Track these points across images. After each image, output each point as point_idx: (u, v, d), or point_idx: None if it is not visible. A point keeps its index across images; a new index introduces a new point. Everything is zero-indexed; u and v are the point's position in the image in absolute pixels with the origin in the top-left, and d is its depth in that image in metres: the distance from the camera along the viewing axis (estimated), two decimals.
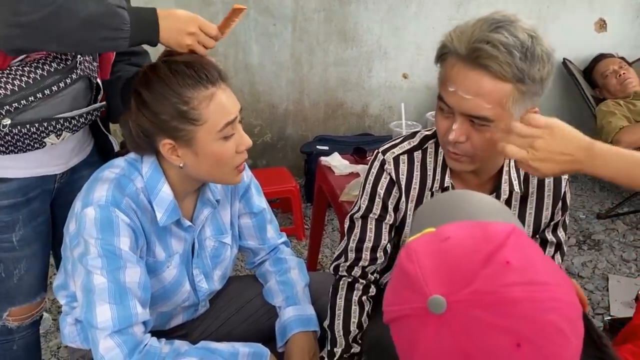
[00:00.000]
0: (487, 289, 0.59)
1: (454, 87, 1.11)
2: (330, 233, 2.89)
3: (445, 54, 1.14)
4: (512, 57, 1.06)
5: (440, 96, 1.16)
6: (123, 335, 1.12)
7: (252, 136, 3.25)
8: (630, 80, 3.10)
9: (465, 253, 0.63)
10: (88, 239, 1.13)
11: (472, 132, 1.13)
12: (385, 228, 1.34)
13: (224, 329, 1.45)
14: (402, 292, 0.65)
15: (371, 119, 3.42)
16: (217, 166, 1.18)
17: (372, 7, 3.16)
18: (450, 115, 1.15)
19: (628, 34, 3.53)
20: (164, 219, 1.21)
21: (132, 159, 1.23)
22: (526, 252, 0.64)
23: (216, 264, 1.37)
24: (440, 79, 1.17)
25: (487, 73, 1.07)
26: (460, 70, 1.10)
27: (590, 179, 3.71)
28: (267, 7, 3.06)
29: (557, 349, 0.59)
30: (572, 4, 3.39)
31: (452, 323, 0.59)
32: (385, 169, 1.32)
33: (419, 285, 0.62)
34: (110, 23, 1.15)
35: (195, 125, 1.13)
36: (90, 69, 1.31)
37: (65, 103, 1.26)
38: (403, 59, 3.32)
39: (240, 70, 3.13)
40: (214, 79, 1.15)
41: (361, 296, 1.34)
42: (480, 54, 1.06)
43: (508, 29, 1.08)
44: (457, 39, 1.10)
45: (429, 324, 0.60)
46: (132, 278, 1.15)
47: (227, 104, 1.16)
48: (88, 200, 1.15)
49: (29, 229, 1.37)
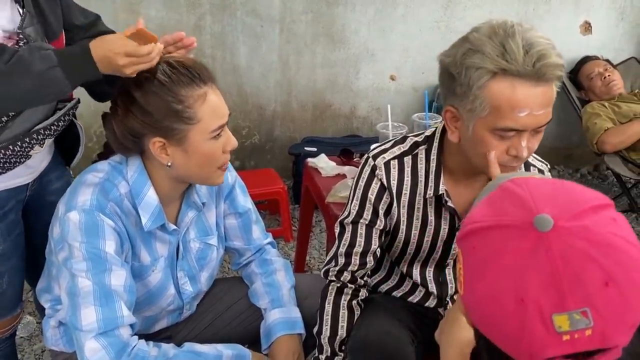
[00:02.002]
0: (595, 230, 0.63)
1: (526, 110, 1.05)
2: (318, 235, 2.89)
3: (484, 81, 1.05)
4: (561, 59, 1.05)
5: (507, 127, 1.07)
6: (109, 338, 1.11)
7: (240, 137, 3.26)
8: (615, 83, 3.13)
9: (578, 197, 0.67)
10: (72, 243, 1.12)
11: (532, 141, 1.12)
12: (375, 233, 1.33)
13: (209, 331, 1.44)
14: (504, 206, 0.67)
15: (359, 120, 3.43)
16: (204, 165, 1.19)
17: (360, 9, 3.17)
18: (513, 135, 1.09)
19: (613, 37, 3.56)
20: (149, 224, 1.20)
21: (116, 162, 1.22)
22: (625, 221, 0.69)
23: (202, 266, 1.36)
24: (495, 108, 1.06)
25: (552, 82, 1.06)
26: (529, 91, 1.04)
27: (569, 173, 3.75)
28: (255, 9, 3.05)
29: (635, 303, 0.64)
30: (558, 6, 3.42)
31: (552, 243, 0.62)
32: (376, 175, 1.31)
33: (527, 203, 0.65)
34: (49, 90, 1.13)
35: (188, 124, 1.13)
36: None
37: (39, 111, 1.24)
38: (390, 61, 3.32)
39: (228, 72, 3.12)
40: (206, 79, 1.16)
41: (350, 300, 1.34)
42: (549, 69, 1.03)
43: (534, 33, 1.05)
44: (510, 59, 1.02)
45: (527, 239, 0.63)
46: (118, 281, 1.14)
47: (219, 104, 1.17)
48: (71, 204, 1.14)
49: (9, 243, 1.35)
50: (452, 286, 1.42)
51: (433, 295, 1.42)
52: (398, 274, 1.45)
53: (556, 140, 3.68)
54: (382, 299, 1.44)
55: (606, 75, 3.15)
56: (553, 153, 3.68)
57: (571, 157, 3.77)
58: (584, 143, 3.14)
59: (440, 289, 1.41)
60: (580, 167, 3.81)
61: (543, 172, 1.36)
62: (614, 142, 2.87)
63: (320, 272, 1.40)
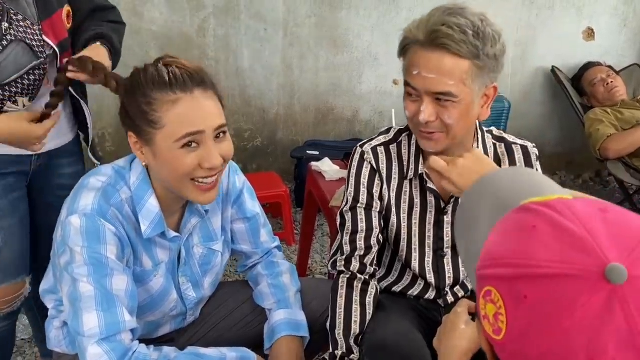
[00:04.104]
0: None
1: (417, 69, 1.20)
2: (320, 238, 2.88)
3: (406, 46, 1.24)
4: (466, 35, 1.16)
5: (407, 82, 1.25)
6: (111, 343, 1.10)
7: (242, 140, 3.27)
8: (618, 89, 3.13)
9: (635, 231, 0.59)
10: (74, 247, 1.12)
11: (441, 110, 1.22)
12: (374, 216, 1.39)
13: (213, 335, 1.43)
14: (563, 249, 0.58)
15: (361, 124, 3.43)
16: (173, 174, 1.13)
17: (363, 13, 3.18)
18: (418, 98, 1.23)
19: (616, 43, 3.57)
20: (149, 231, 1.20)
21: (120, 167, 1.22)
22: None
23: (206, 272, 1.36)
24: (404, 68, 1.26)
25: (446, 52, 1.17)
26: (422, 54, 1.20)
27: (571, 179, 3.75)
28: (259, 12, 3.06)
29: None
30: (561, 12, 3.42)
31: (628, 298, 0.55)
32: (365, 159, 1.40)
33: (591, 247, 0.57)
34: None
35: (153, 129, 1.10)
36: (27, 32, 1.30)
37: (8, 69, 1.28)
38: (393, 66, 3.30)
39: (231, 75, 3.12)
40: (185, 85, 1.10)
41: (362, 296, 1.34)
42: (437, 35, 1.17)
43: (460, 13, 1.19)
44: (416, 29, 1.21)
45: (599, 292, 0.55)
46: (119, 286, 1.13)
47: (190, 113, 1.09)
48: (73, 208, 1.14)
49: (5, 201, 1.41)
50: (450, 276, 1.44)
51: (432, 287, 1.45)
52: (398, 269, 1.48)
53: (558, 146, 3.68)
54: (387, 299, 1.44)
55: (609, 82, 3.15)
56: (555, 159, 3.68)
57: (573, 163, 3.77)
58: (586, 149, 3.14)
59: (438, 279, 1.44)
60: (582, 173, 3.81)
61: (527, 147, 1.40)
62: (616, 148, 2.87)
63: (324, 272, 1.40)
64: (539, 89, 3.57)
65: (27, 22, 1.31)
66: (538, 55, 3.49)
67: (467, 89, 1.20)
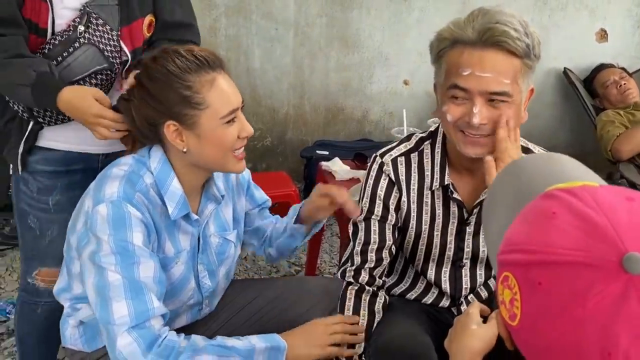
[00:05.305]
0: None
1: (469, 69, 1.14)
2: (329, 238, 2.88)
3: (443, 50, 1.18)
4: (518, 33, 1.12)
5: (453, 84, 1.16)
6: (140, 330, 1.12)
7: (252, 140, 3.24)
8: (631, 91, 3.10)
9: None
10: (100, 236, 1.13)
11: (493, 112, 1.16)
12: (388, 229, 1.35)
13: (226, 330, 1.44)
14: (581, 237, 0.57)
15: (371, 124, 3.42)
16: (218, 151, 1.21)
17: (375, 13, 3.17)
18: (465, 101, 1.17)
19: (629, 45, 3.54)
20: (176, 212, 1.22)
21: (139, 156, 1.24)
22: None
23: (221, 261, 1.38)
24: (445, 71, 1.19)
25: (499, 50, 1.12)
26: (473, 53, 1.13)
27: None
28: (270, 12, 3.06)
29: None
30: (573, 14, 3.40)
31: None
32: (384, 171, 1.35)
33: (611, 237, 0.56)
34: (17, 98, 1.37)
35: (198, 110, 1.16)
36: (103, 37, 1.37)
37: (75, 70, 1.35)
38: (404, 66, 3.32)
39: (242, 74, 3.13)
40: (214, 65, 1.18)
41: (370, 304, 1.34)
42: (493, 32, 1.11)
43: (504, 12, 1.15)
44: (461, 29, 1.14)
45: (615, 281, 0.54)
46: (147, 273, 1.15)
47: (228, 90, 1.19)
48: (99, 197, 1.16)
49: (65, 197, 1.49)
50: (467, 287, 1.42)
51: (446, 295, 1.42)
52: (411, 276, 1.46)
53: (569, 147, 3.65)
54: (398, 302, 1.43)
55: (622, 84, 3.12)
56: None
57: (584, 165, 3.74)
58: (598, 151, 3.12)
59: (454, 289, 1.41)
60: None
61: None
62: (627, 148, 2.85)
63: (333, 271, 1.40)
64: (550, 90, 3.55)
65: (106, 27, 1.37)
66: (550, 57, 3.46)
67: (518, 88, 1.16)
